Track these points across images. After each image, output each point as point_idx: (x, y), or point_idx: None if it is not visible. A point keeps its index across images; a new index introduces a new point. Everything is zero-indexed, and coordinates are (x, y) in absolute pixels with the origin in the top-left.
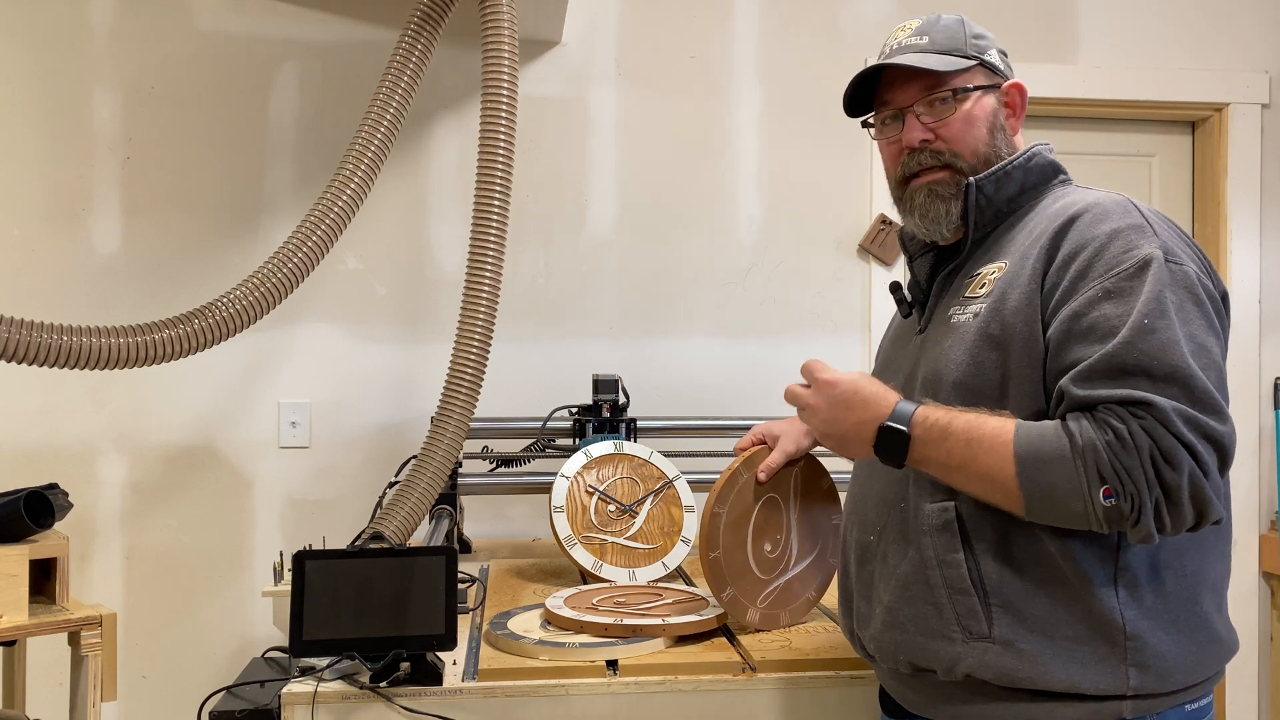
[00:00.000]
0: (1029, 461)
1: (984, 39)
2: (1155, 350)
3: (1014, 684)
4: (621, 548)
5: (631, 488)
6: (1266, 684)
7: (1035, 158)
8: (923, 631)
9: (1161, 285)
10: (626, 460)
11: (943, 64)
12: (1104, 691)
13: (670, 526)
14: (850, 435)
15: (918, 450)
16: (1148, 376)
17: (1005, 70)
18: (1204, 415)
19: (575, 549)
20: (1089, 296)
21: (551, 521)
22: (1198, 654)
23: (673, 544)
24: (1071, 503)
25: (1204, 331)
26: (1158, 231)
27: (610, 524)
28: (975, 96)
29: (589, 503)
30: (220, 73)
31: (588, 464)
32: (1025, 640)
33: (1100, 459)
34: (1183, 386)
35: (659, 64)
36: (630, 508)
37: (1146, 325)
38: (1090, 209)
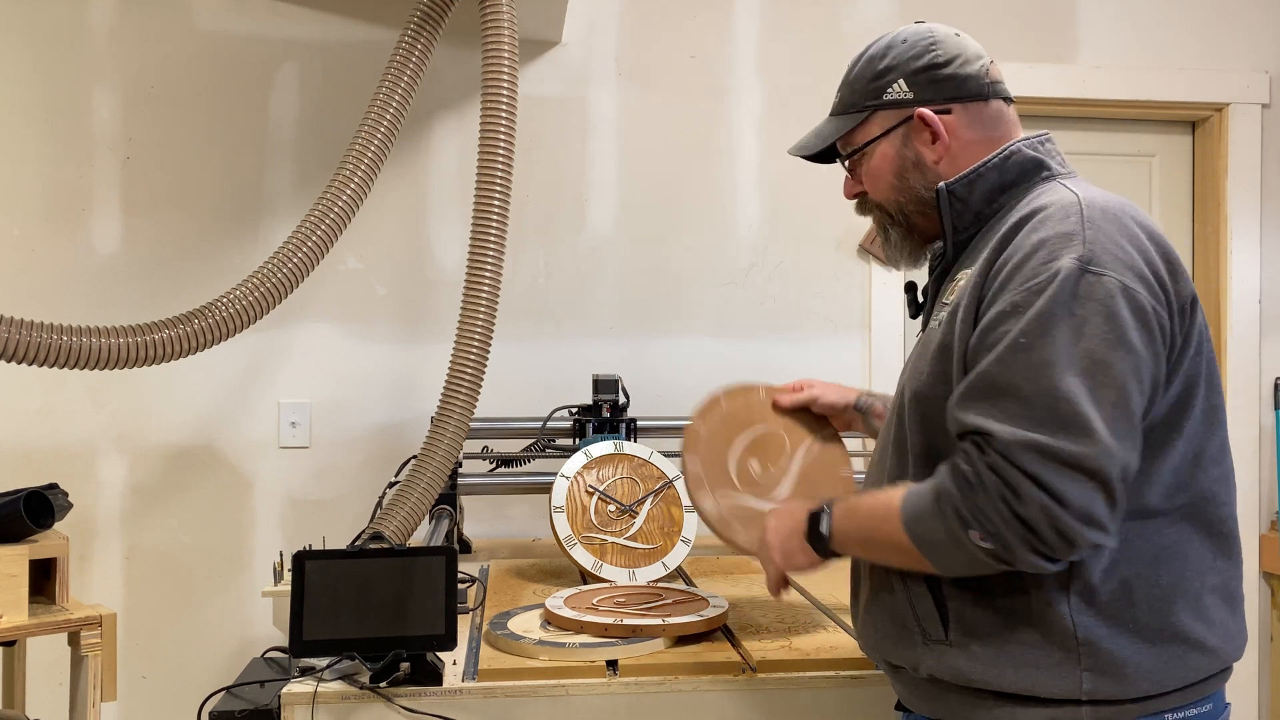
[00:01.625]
0: (913, 523)
1: (887, 73)
2: (1025, 370)
3: (971, 685)
4: (621, 548)
5: (631, 488)
6: (1266, 684)
7: (1012, 156)
8: (890, 632)
9: (1057, 300)
10: (626, 460)
11: (834, 130)
12: (1059, 695)
13: (670, 526)
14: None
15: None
16: (1016, 397)
17: (918, 96)
18: (1062, 440)
19: (575, 549)
20: (997, 311)
21: (551, 521)
22: (1169, 662)
23: (673, 544)
24: (957, 552)
25: (1106, 346)
26: (1088, 239)
27: (610, 524)
28: (871, 149)
29: (589, 503)
30: (220, 73)
31: (588, 464)
32: (979, 644)
33: (958, 503)
34: (1049, 409)
35: (659, 64)
36: (630, 508)
37: (1023, 344)
38: (1035, 214)
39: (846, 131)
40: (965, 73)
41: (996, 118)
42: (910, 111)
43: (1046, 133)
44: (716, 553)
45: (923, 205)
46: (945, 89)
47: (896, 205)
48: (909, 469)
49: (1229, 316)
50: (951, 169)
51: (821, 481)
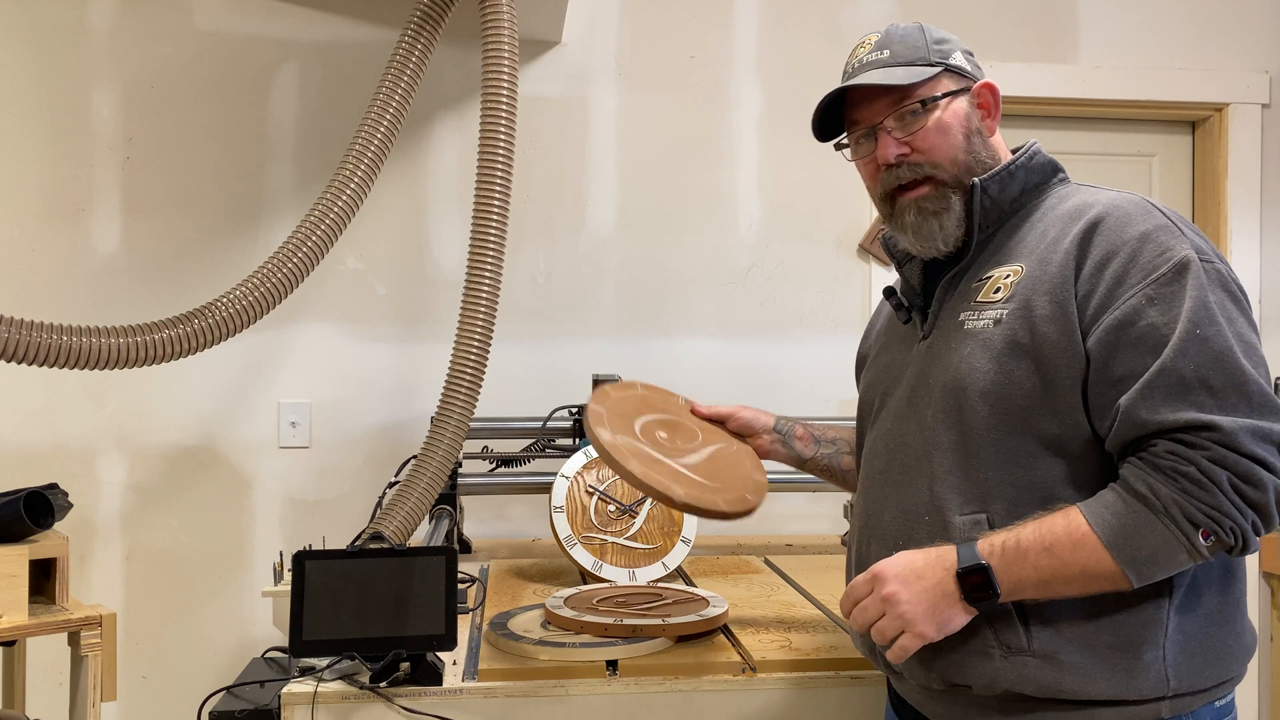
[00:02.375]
0: (1120, 542)
1: (946, 43)
2: (1211, 360)
3: (1059, 696)
4: (621, 548)
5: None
6: (1266, 684)
7: (1036, 156)
8: (958, 648)
9: (1203, 288)
10: None
11: (906, 75)
12: (1145, 696)
13: (670, 526)
14: (940, 603)
15: (1004, 578)
16: (1207, 388)
17: (973, 72)
18: (1265, 421)
19: (575, 549)
20: (1132, 305)
21: (551, 521)
22: (1228, 648)
23: (673, 544)
24: (1176, 558)
25: (1248, 330)
26: (1185, 231)
27: (610, 524)
28: (945, 103)
29: (589, 503)
30: (220, 73)
31: (588, 464)
32: (1066, 652)
33: (1185, 509)
34: (1242, 394)
35: (659, 64)
36: (630, 508)
37: (1199, 334)
38: (1111, 211)
39: (921, 82)
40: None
41: None
42: (969, 83)
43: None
44: (716, 553)
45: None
46: (981, 73)
47: (957, 165)
48: (986, 470)
49: None
50: (990, 151)
51: (730, 471)
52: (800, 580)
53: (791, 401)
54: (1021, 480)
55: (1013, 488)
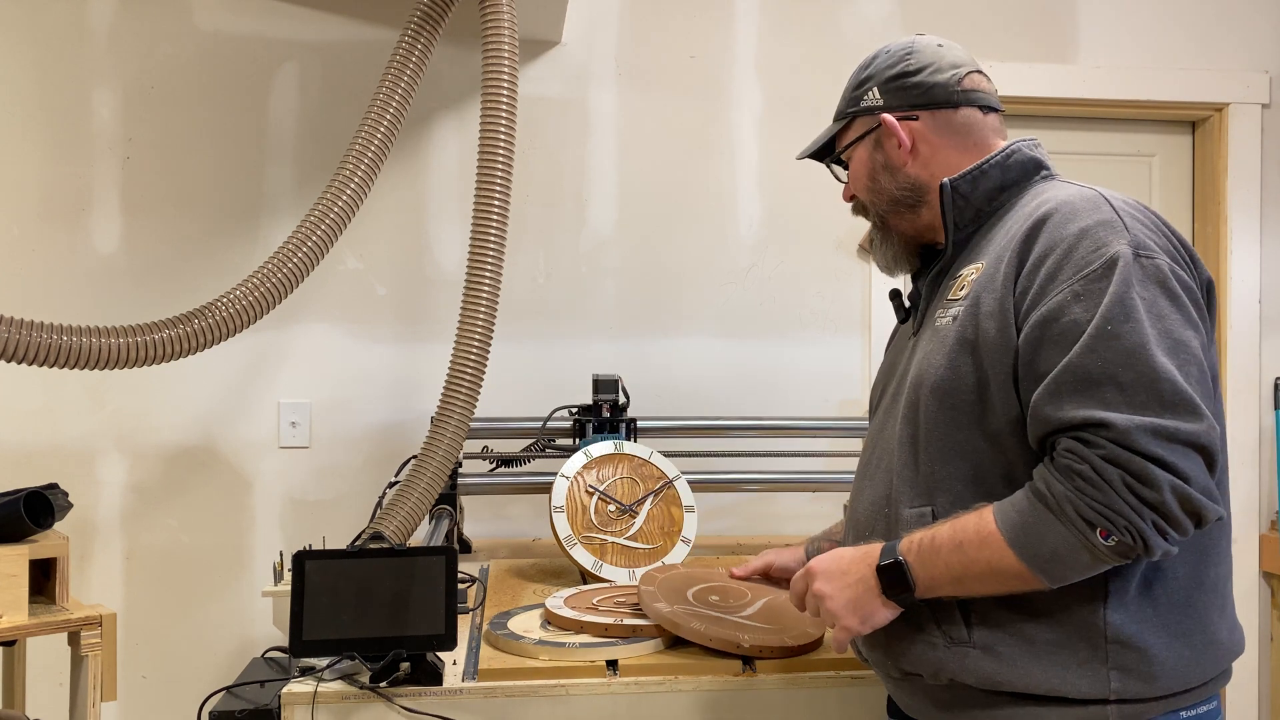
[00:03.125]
0: (1021, 540)
1: (866, 82)
2: (1120, 356)
3: (997, 688)
4: (621, 548)
5: (631, 488)
6: (1266, 684)
7: (1014, 155)
8: (906, 637)
9: (1128, 284)
10: (627, 460)
11: (825, 134)
12: (1086, 695)
13: (670, 526)
14: (863, 597)
15: (919, 574)
16: (1115, 384)
17: (887, 103)
18: (1173, 420)
19: (575, 549)
20: (1058, 300)
21: (551, 521)
22: (1191, 658)
23: (673, 544)
24: (1079, 556)
25: (1180, 326)
26: (1128, 226)
27: (610, 524)
28: (851, 153)
29: (589, 503)
30: (220, 73)
31: (588, 464)
32: (1005, 644)
33: (1079, 508)
34: (1152, 392)
35: (659, 64)
36: (630, 508)
37: (1110, 331)
38: (1060, 208)
39: (831, 137)
40: (933, 81)
41: (965, 125)
42: (879, 118)
43: (1035, 138)
44: (716, 553)
45: (896, 205)
46: (911, 96)
47: (874, 206)
48: (933, 465)
49: (1229, 316)
50: (921, 171)
51: (786, 614)
52: None
53: (791, 402)
54: (965, 474)
55: (957, 481)
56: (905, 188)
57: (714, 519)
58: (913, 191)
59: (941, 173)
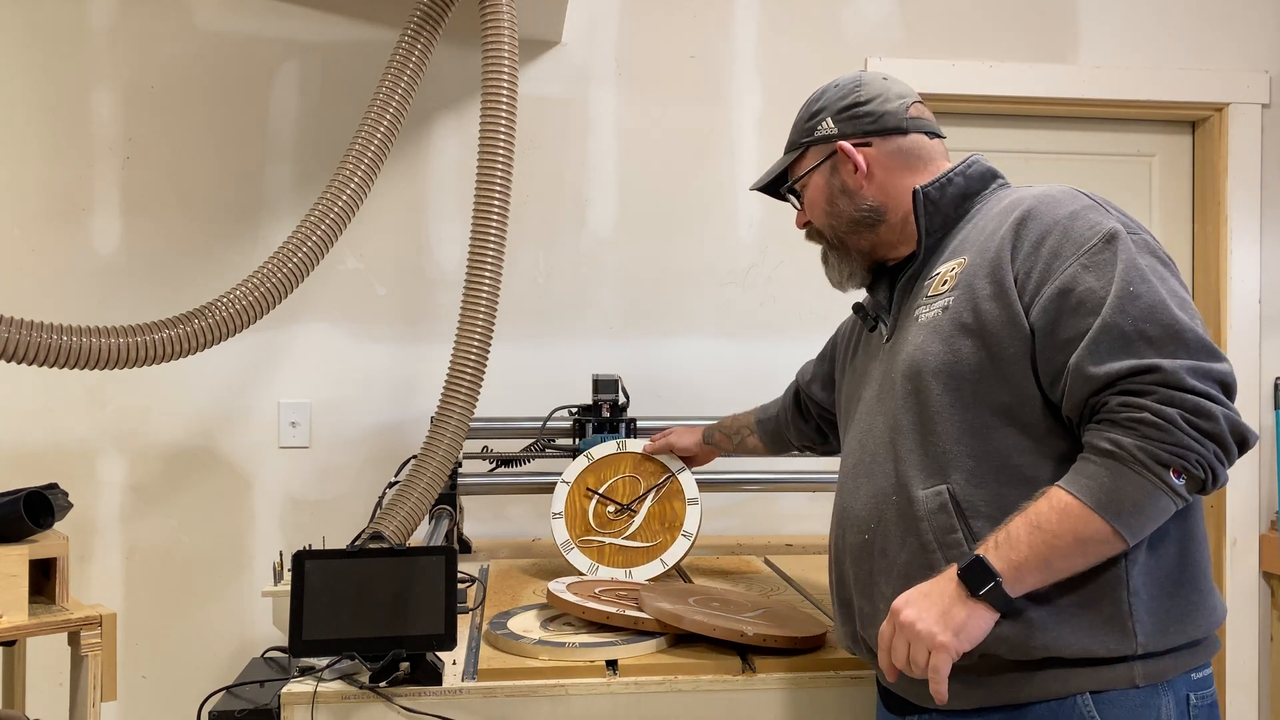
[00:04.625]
0: (1103, 501)
1: (820, 114)
2: (1145, 313)
3: (1028, 655)
4: (619, 548)
5: (633, 486)
6: (1266, 684)
7: (973, 165)
8: None
9: (1131, 252)
10: (629, 459)
11: (779, 165)
12: (1115, 653)
13: (672, 521)
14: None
15: (1002, 563)
16: (1145, 339)
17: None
18: (1206, 361)
19: (572, 554)
20: (1069, 273)
21: (552, 529)
22: (1195, 608)
23: (673, 539)
24: (1159, 504)
25: (1180, 287)
26: (1110, 210)
27: (608, 525)
28: (807, 181)
29: (588, 506)
30: (220, 73)
31: (589, 467)
32: (1032, 609)
33: (1151, 452)
34: (1179, 341)
35: (659, 64)
36: (628, 507)
37: (1132, 291)
38: (1041, 199)
39: (787, 166)
40: (883, 110)
41: (915, 149)
42: (835, 145)
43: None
44: (716, 553)
45: (855, 225)
46: (863, 124)
47: (831, 229)
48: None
49: (1229, 316)
50: (876, 193)
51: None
52: (801, 580)
53: None
54: (978, 450)
55: (970, 458)
56: (864, 209)
57: (714, 519)
58: (871, 212)
59: (896, 194)
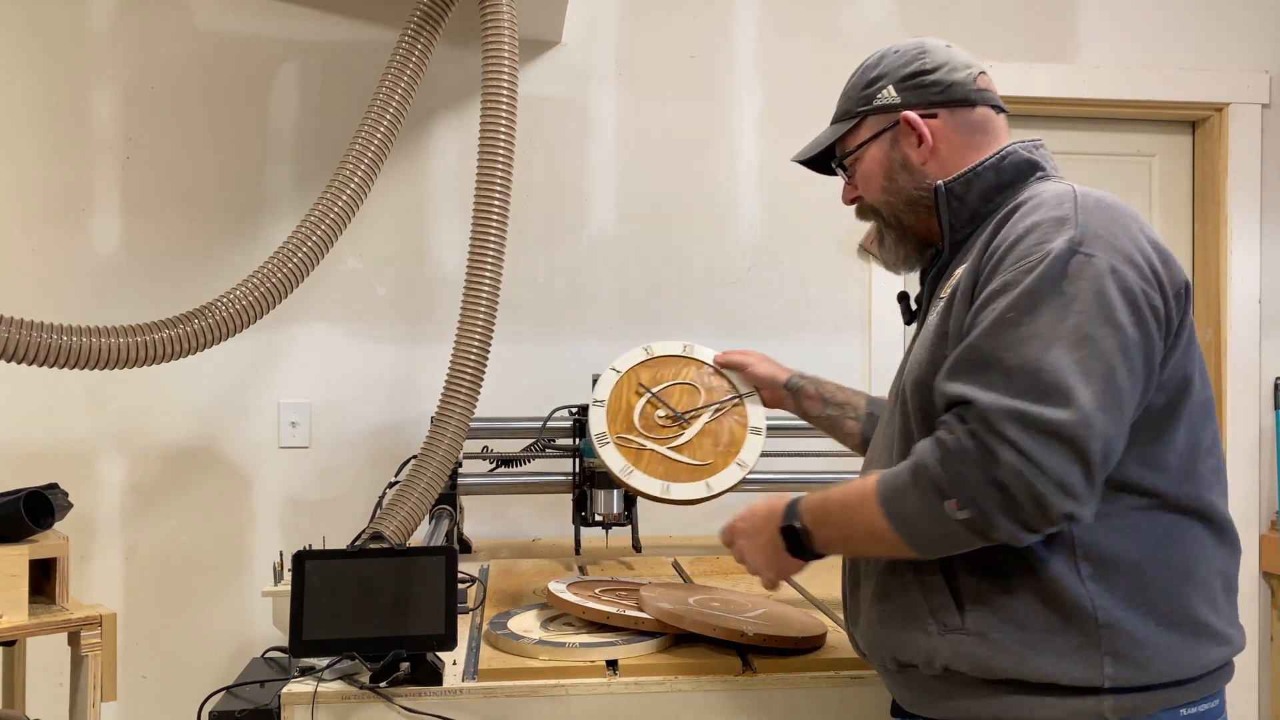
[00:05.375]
0: (889, 501)
1: (877, 81)
2: (1011, 342)
3: (991, 675)
4: (660, 457)
5: (690, 396)
6: (1266, 684)
7: (1008, 157)
8: (901, 625)
9: (1046, 278)
10: (692, 365)
11: (830, 135)
12: (1080, 682)
13: (728, 445)
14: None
15: (816, 537)
16: (1001, 368)
17: (904, 101)
18: (1039, 406)
19: (606, 448)
20: (991, 289)
21: (588, 417)
22: (1183, 647)
23: (724, 464)
24: (934, 526)
25: (1093, 323)
26: (1080, 222)
27: (655, 430)
28: (863, 152)
29: (635, 403)
30: (220, 73)
31: (645, 361)
32: (998, 630)
33: (936, 474)
34: (1030, 379)
35: (659, 64)
36: (683, 415)
37: (1010, 319)
38: (1027, 202)
39: (840, 137)
40: (951, 79)
41: (983, 123)
42: (897, 115)
43: (1040, 139)
44: (716, 553)
45: (913, 205)
46: (930, 94)
47: (888, 206)
48: None
49: (1229, 316)
50: (939, 170)
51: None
52: (800, 580)
53: None
54: None
55: None
56: (924, 187)
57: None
58: (931, 191)
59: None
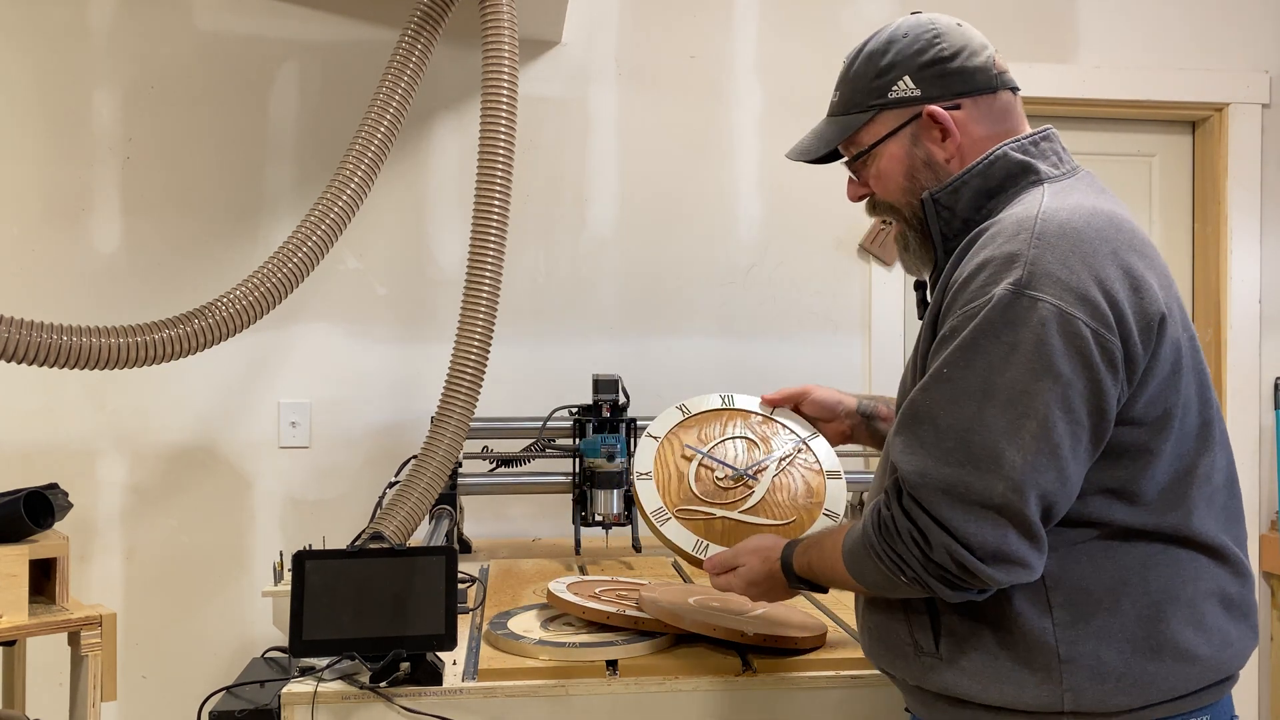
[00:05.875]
0: (851, 566)
1: (890, 70)
2: (945, 400)
3: (959, 697)
4: (734, 524)
5: (746, 451)
6: (1266, 684)
7: (997, 162)
8: (884, 641)
9: (984, 330)
10: (738, 417)
11: (839, 131)
12: (1042, 709)
13: (808, 497)
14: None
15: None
16: (933, 426)
17: (925, 92)
18: (970, 475)
19: (668, 525)
20: (941, 336)
21: (635, 493)
22: (1159, 673)
23: (811, 518)
24: (896, 588)
25: (1030, 376)
26: (1031, 260)
27: (718, 495)
28: (879, 150)
29: (687, 469)
30: (220, 73)
31: (684, 421)
32: (969, 659)
33: (879, 551)
34: (960, 440)
35: (659, 64)
36: (747, 472)
37: (945, 374)
38: (988, 229)
39: (851, 133)
40: (973, 65)
41: (1006, 110)
42: (918, 109)
43: (1049, 128)
44: None
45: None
46: (953, 84)
47: (909, 207)
48: None
49: (1229, 316)
50: (963, 166)
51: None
52: None
53: None
54: None
55: None
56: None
57: None
58: None
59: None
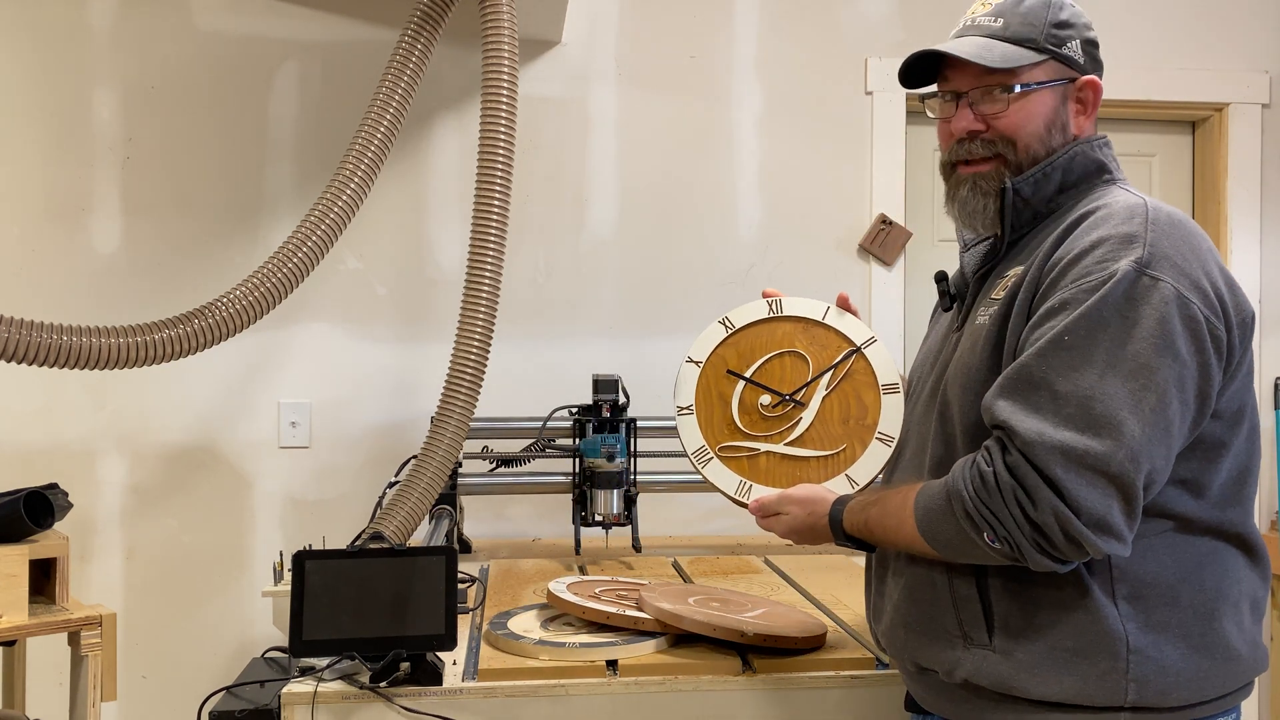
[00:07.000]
0: (926, 527)
1: (1068, 28)
2: (1064, 366)
3: (1010, 692)
4: (780, 458)
5: (796, 368)
6: (1267, 684)
7: (1077, 156)
8: (926, 633)
9: (1108, 302)
10: (787, 326)
11: (1006, 58)
12: (1102, 703)
13: (860, 417)
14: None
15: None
16: (1050, 391)
17: (1085, 64)
18: (1088, 440)
19: (710, 466)
20: (1049, 306)
21: (678, 430)
22: (1210, 671)
23: (862, 445)
24: (971, 551)
25: (1153, 351)
26: (1150, 242)
27: (762, 425)
28: (1035, 93)
29: (731, 394)
30: (220, 73)
31: (728, 339)
32: (1024, 650)
33: (969, 507)
34: (1081, 406)
35: (659, 64)
36: (793, 397)
37: (1065, 341)
38: (1096, 213)
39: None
40: (1101, 58)
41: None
42: (1077, 75)
43: (1105, 135)
44: (716, 553)
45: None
46: (1099, 68)
47: (1030, 153)
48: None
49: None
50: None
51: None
52: (801, 580)
53: None
54: None
55: None
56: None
57: (714, 519)
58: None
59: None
